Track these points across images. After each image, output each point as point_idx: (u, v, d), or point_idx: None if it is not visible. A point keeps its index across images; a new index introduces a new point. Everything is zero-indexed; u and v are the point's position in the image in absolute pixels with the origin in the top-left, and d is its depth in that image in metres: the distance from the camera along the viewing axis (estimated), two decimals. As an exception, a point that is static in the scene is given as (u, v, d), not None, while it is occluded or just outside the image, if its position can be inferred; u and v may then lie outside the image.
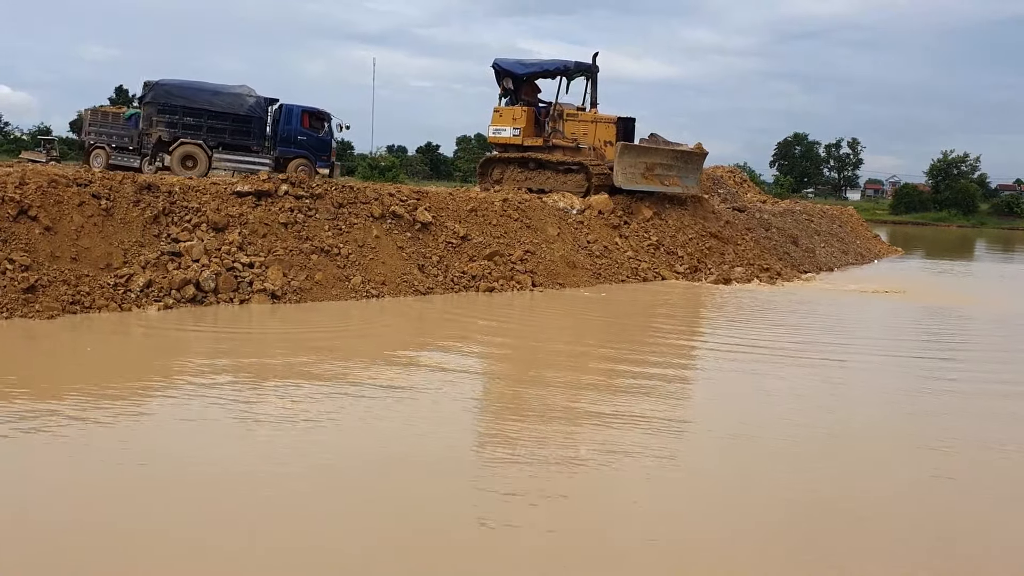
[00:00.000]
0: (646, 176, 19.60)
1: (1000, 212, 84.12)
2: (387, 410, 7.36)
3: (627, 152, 19.40)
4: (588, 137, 20.22)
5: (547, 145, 20.49)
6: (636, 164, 19.50)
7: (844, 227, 32.96)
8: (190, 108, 22.52)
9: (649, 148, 20.28)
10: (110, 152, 27.34)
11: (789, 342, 11.83)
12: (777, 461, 6.59)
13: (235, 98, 23.00)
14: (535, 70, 21.19)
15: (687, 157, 20.95)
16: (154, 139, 22.24)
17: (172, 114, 22.42)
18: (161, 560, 4.46)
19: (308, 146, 23.19)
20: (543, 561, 4.65)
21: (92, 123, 28.74)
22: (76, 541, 4.68)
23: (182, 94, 22.78)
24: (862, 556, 4.90)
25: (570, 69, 20.75)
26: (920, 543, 5.26)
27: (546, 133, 20.70)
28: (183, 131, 22.21)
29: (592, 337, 11.94)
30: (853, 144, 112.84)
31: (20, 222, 10.97)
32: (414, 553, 4.67)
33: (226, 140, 22.57)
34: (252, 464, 5.85)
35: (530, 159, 20.59)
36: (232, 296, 12.11)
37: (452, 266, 15.13)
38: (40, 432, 6.28)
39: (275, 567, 4.45)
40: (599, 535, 5.04)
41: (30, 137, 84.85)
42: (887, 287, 19.17)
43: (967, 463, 6.84)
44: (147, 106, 22.38)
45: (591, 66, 20.58)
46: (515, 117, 20.78)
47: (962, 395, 9.06)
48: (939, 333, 14.05)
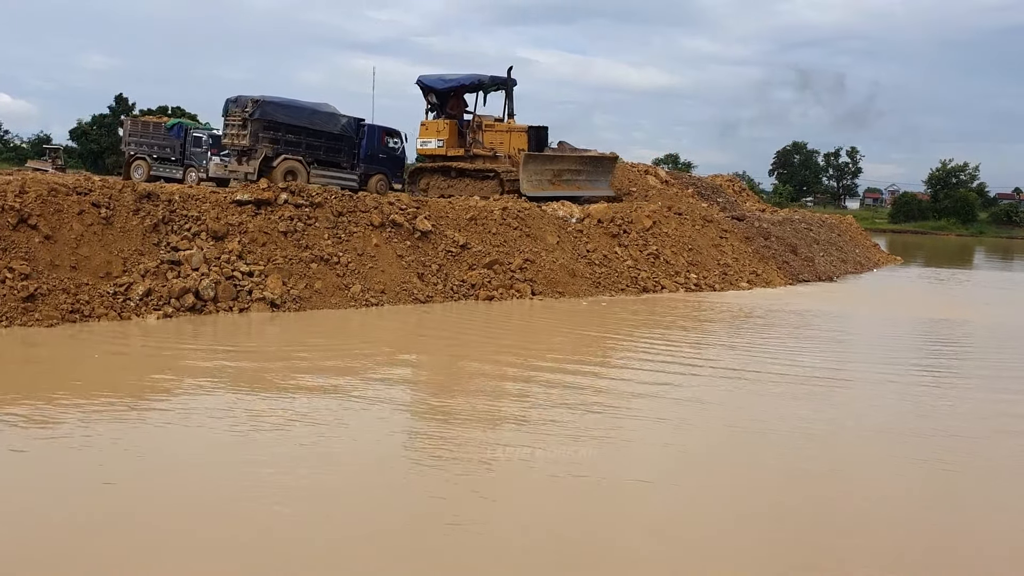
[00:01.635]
0: (553, 183, 20.63)
1: (999, 221, 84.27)
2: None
3: (531, 161, 20.30)
4: (504, 146, 21.39)
5: (468, 155, 21.64)
6: (542, 172, 20.50)
7: (843, 236, 33.00)
8: (292, 126, 23.39)
9: (555, 156, 21.35)
10: (151, 163, 27.58)
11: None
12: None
13: (330, 117, 23.97)
14: (453, 84, 22.33)
15: (596, 162, 22.20)
16: (260, 155, 22.86)
17: (276, 131, 23.16)
18: (161, 557, 4.46)
19: (386, 163, 24.01)
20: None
21: (133, 133, 28.91)
22: (75, 540, 4.69)
23: (285, 112, 23.59)
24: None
25: (484, 83, 21.94)
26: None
27: (467, 144, 21.82)
28: (285, 147, 23.14)
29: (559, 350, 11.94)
30: (852, 153, 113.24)
31: (20, 231, 10.98)
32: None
33: (320, 156, 23.51)
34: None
35: (451, 168, 21.71)
36: (231, 304, 12.11)
37: (452, 274, 15.14)
38: (41, 435, 6.28)
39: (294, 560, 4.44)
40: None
41: (30, 145, 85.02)
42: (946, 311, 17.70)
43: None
44: (253, 123, 23.02)
45: (506, 80, 21.59)
46: (439, 130, 22.04)
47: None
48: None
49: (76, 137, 77.36)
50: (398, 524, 5.25)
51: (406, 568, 4.65)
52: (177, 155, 27.79)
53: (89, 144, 74.80)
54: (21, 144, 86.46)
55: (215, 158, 26.21)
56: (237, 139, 23.46)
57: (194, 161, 27.19)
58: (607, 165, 22.51)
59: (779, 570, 4.88)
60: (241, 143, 23.36)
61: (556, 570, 4.72)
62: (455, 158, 21.62)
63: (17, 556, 4.56)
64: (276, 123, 23.42)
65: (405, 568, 4.65)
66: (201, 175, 26.29)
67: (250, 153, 23.24)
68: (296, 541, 4.84)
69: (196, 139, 27.49)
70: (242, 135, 23.27)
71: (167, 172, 27.30)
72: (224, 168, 24.65)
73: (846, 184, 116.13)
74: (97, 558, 4.61)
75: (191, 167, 27.16)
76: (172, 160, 27.70)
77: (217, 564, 4.58)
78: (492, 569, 4.73)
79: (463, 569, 4.67)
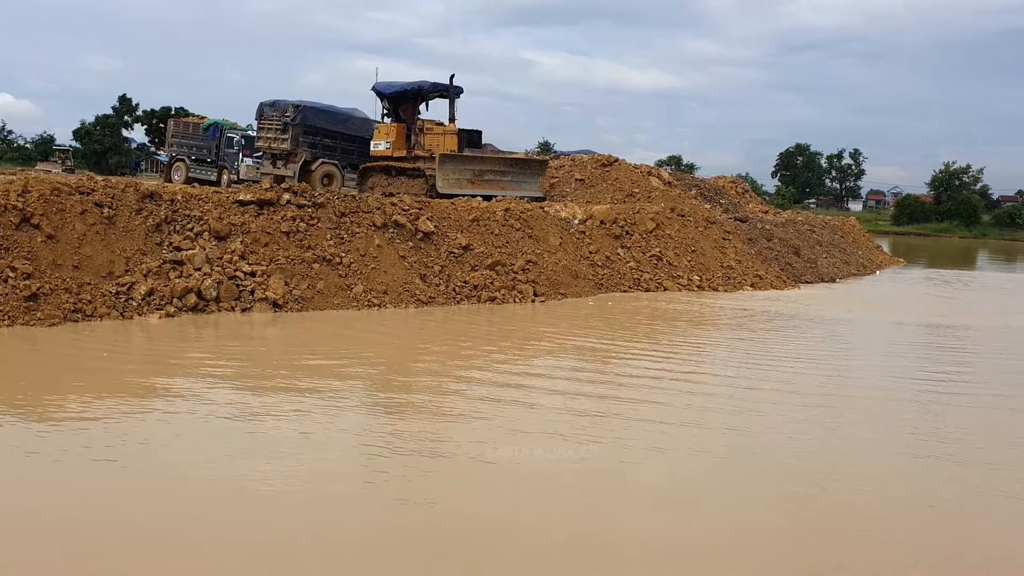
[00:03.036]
0: (473, 181, 21.80)
1: (1002, 223, 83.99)
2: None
3: (447, 160, 21.58)
4: (439, 147, 22.60)
5: (410, 156, 22.92)
6: (461, 171, 21.81)
7: (846, 238, 32.94)
8: (329, 131, 23.90)
9: (475, 156, 22.61)
10: (189, 165, 27.44)
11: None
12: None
13: (363, 123, 24.70)
14: (397, 91, 23.57)
15: (523, 164, 23.54)
16: (300, 159, 23.34)
17: (315, 135, 23.66)
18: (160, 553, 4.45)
19: None
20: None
21: (175, 134, 28.74)
22: (75, 539, 4.68)
23: (324, 118, 24.13)
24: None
25: (424, 90, 23.28)
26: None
27: (411, 145, 23.17)
28: (322, 152, 23.72)
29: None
30: (855, 155, 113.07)
31: (23, 230, 10.98)
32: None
33: (354, 161, 24.10)
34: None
35: (392, 167, 23.08)
36: (234, 305, 12.10)
37: (454, 276, 15.12)
38: (42, 432, 6.28)
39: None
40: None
41: (33, 146, 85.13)
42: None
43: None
44: (294, 127, 23.50)
45: (447, 87, 22.98)
46: (388, 133, 23.23)
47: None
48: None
49: (79, 137, 77.46)
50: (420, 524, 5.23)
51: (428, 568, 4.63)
52: (213, 156, 27.56)
53: (92, 144, 74.93)
54: (25, 144, 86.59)
55: (247, 160, 26.26)
56: (276, 143, 23.95)
57: (227, 163, 27.08)
58: (536, 168, 23.96)
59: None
60: (281, 147, 23.90)
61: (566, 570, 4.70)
62: (398, 158, 23.03)
63: (16, 556, 4.54)
64: (316, 128, 23.99)
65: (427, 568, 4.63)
66: (232, 177, 26.27)
67: (289, 157, 23.81)
68: (299, 546, 4.83)
69: (229, 140, 27.35)
70: (282, 139, 23.85)
71: (203, 174, 27.13)
72: (256, 171, 24.85)
73: (849, 186, 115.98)
74: (95, 558, 4.60)
75: (224, 168, 27.06)
76: (208, 162, 27.55)
77: (219, 563, 4.56)
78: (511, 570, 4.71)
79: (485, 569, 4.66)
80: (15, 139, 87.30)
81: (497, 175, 22.51)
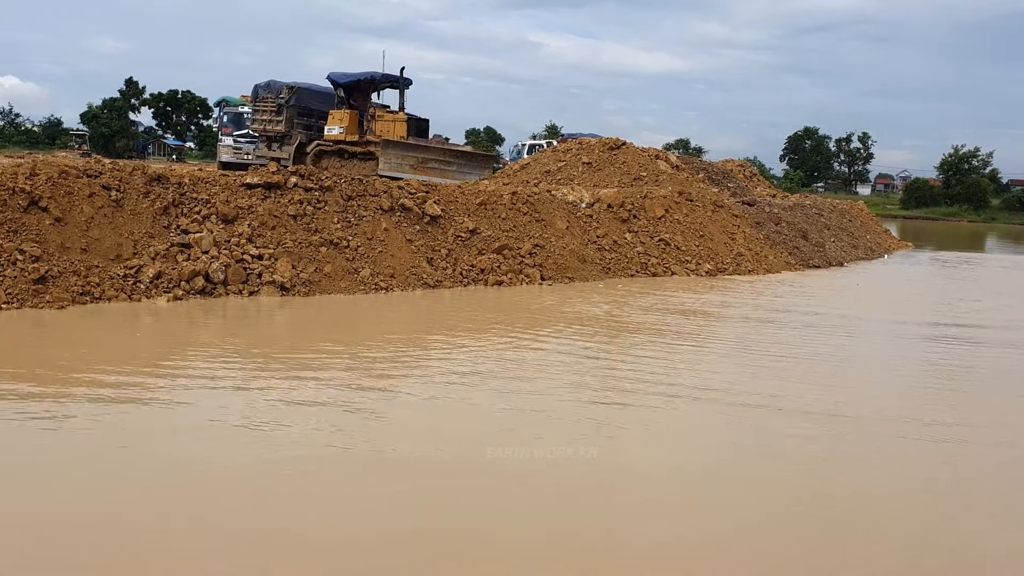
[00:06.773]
0: (416, 168, 23.06)
1: (1011, 207, 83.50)
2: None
3: (389, 147, 23.19)
4: (389, 133, 23.98)
5: (362, 140, 24.08)
6: (405, 157, 23.23)
7: (854, 222, 32.80)
8: (324, 113, 24.35)
9: (419, 145, 24.01)
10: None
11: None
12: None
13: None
14: (351, 80, 24.72)
15: (469, 157, 25.28)
16: (295, 141, 23.62)
17: (309, 117, 23.94)
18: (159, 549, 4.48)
19: None
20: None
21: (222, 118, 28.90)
22: (74, 533, 4.71)
23: (319, 99, 24.46)
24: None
25: (375, 80, 24.65)
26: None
27: (363, 131, 24.34)
28: (317, 134, 24.16)
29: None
30: (864, 138, 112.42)
31: (31, 213, 11.01)
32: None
33: None
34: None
35: (345, 151, 24.32)
36: (241, 288, 12.12)
37: (461, 259, 15.11)
38: (45, 419, 6.31)
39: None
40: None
41: (41, 129, 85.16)
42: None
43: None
44: (289, 109, 23.85)
45: (397, 78, 24.38)
46: (341, 119, 24.45)
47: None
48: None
49: (86, 121, 77.50)
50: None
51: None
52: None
53: (100, 128, 74.99)
54: (32, 128, 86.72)
55: (226, 139, 26.31)
56: (271, 125, 24.07)
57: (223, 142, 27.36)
58: (482, 162, 25.64)
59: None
60: (276, 129, 24.02)
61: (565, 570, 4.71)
62: (350, 143, 24.20)
63: (16, 556, 4.57)
64: (310, 110, 24.08)
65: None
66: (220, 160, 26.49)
67: (284, 139, 24.00)
68: (308, 536, 4.85)
69: (220, 117, 27.80)
70: (276, 121, 23.98)
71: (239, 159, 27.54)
72: (232, 152, 24.95)
73: (857, 170, 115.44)
74: (97, 558, 4.63)
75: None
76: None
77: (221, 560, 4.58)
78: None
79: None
80: (22, 122, 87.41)
81: (441, 164, 23.78)
